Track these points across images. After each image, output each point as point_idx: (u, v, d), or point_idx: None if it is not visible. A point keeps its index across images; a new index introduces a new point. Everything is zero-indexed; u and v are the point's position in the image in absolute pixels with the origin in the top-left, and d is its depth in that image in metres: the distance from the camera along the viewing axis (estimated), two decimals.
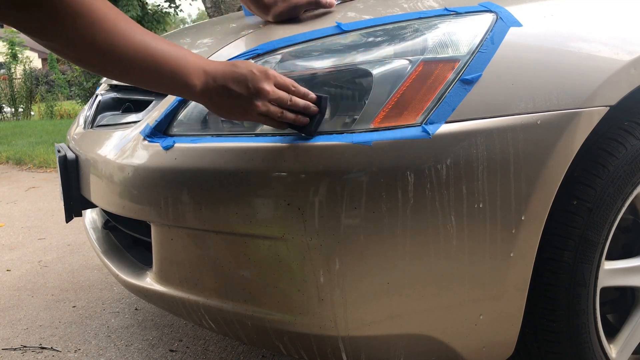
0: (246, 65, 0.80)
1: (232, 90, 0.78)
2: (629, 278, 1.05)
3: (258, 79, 0.79)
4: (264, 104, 0.79)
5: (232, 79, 0.78)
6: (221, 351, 1.42)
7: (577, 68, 0.87)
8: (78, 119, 1.49)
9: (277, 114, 0.80)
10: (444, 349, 0.90)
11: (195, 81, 0.77)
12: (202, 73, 0.77)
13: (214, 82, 0.78)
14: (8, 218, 2.88)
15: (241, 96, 0.79)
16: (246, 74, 0.78)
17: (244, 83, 0.78)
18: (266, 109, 0.80)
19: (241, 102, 0.79)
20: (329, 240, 0.81)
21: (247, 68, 0.79)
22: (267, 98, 0.79)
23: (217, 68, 0.78)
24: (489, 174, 0.82)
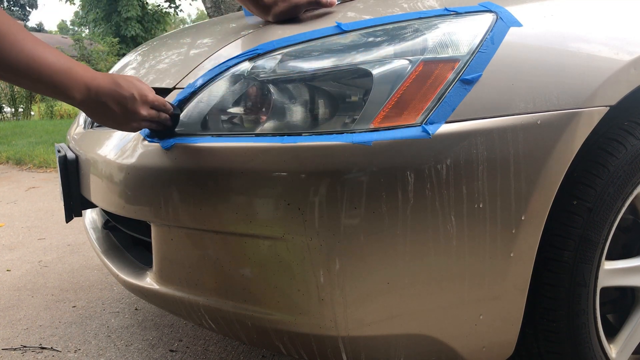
0: (130, 86, 0.85)
1: (111, 108, 0.84)
2: (629, 278, 1.05)
3: (137, 104, 0.85)
4: (138, 123, 0.88)
5: (113, 99, 0.84)
6: (221, 351, 1.42)
7: (577, 68, 0.87)
8: (78, 119, 1.49)
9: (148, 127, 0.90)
10: (444, 349, 0.90)
11: (76, 94, 0.81)
12: (83, 87, 0.81)
13: (96, 97, 0.83)
14: (8, 218, 2.88)
15: (118, 115, 0.85)
16: (127, 97, 0.84)
17: (123, 105, 0.85)
18: (138, 125, 0.88)
19: (117, 120, 0.86)
20: (329, 240, 0.81)
21: (130, 91, 0.85)
22: (141, 119, 0.87)
23: (100, 84, 0.83)
24: (489, 174, 0.82)
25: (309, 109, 0.87)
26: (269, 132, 0.86)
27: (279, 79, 0.89)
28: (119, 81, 0.85)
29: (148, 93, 0.87)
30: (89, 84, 0.82)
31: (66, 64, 0.80)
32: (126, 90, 0.85)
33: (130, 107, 0.85)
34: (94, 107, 0.84)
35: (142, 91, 0.87)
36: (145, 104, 0.87)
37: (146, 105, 0.87)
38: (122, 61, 1.55)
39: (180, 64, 1.10)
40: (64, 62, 0.80)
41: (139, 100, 0.86)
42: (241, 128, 0.91)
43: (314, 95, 0.87)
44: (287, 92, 0.89)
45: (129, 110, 0.85)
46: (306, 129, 0.85)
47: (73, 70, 0.81)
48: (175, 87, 1.02)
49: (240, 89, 0.92)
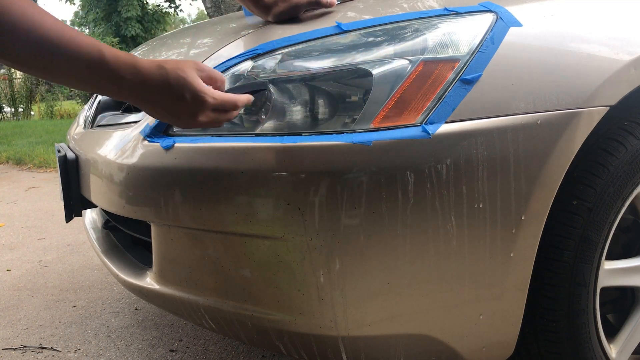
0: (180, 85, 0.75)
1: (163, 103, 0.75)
2: (629, 278, 1.05)
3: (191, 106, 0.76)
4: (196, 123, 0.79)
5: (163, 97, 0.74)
6: (221, 351, 1.42)
7: (577, 68, 0.87)
8: (78, 119, 1.49)
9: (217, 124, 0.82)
10: (444, 349, 0.90)
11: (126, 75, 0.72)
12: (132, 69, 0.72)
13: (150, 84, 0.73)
14: (8, 218, 2.88)
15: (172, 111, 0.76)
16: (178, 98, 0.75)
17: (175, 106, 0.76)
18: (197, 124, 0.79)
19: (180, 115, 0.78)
20: (329, 240, 0.81)
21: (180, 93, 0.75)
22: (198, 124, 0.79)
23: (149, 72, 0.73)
24: (489, 174, 0.82)
25: (309, 109, 0.87)
26: (269, 132, 0.86)
27: (279, 79, 0.89)
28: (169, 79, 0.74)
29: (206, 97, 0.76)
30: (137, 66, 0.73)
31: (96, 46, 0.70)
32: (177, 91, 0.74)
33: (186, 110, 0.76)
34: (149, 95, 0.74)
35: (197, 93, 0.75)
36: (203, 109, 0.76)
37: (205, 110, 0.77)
38: None
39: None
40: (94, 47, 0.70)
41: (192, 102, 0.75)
42: (241, 128, 0.91)
43: (314, 95, 0.87)
44: (287, 92, 0.89)
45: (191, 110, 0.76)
46: (306, 129, 0.85)
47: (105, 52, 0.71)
48: None
49: (240, 89, 0.92)
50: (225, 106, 0.80)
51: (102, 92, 0.76)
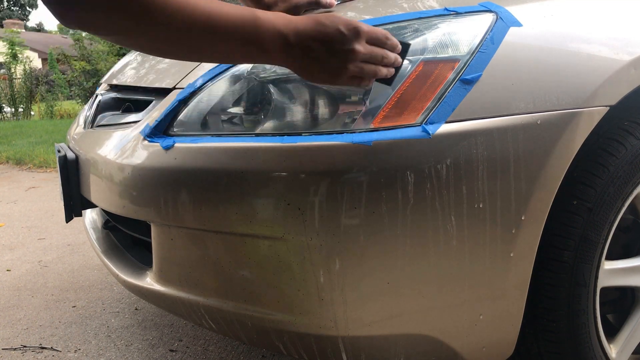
0: (333, 22, 0.71)
1: (318, 53, 0.70)
2: (629, 278, 1.05)
3: (348, 40, 0.70)
4: (355, 66, 0.72)
5: (318, 41, 0.69)
6: (221, 351, 1.42)
7: (577, 68, 0.87)
8: (78, 119, 1.49)
9: (371, 73, 0.74)
10: (444, 349, 0.90)
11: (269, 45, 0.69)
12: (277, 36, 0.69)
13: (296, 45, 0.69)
14: (8, 218, 2.88)
15: (330, 60, 0.70)
16: (334, 35, 0.69)
17: (332, 45, 0.69)
18: (359, 70, 0.72)
19: (330, 67, 0.71)
20: (329, 240, 0.81)
21: (335, 26, 0.70)
22: (360, 59, 0.72)
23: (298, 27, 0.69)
24: (489, 174, 0.82)
25: (309, 109, 0.87)
26: (269, 132, 0.86)
27: (279, 79, 0.89)
28: (320, 19, 0.70)
29: (359, 25, 0.71)
30: (282, 30, 0.69)
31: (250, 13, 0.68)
32: (330, 27, 0.69)
33: (341, 46, 0.69)
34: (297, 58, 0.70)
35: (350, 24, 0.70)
36: (358, 38, 0.70)
37: (361, 40, 0.71)
38: (122, 61, 1.55)
39: (180, 64, 1.10)
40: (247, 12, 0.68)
41: (349, 34, 0.70)
42: (241, 128, 0.91)
43: (314, 95, 0.87)
44: (287, 92, 0.89)
45: (341, 51, 0.70)
46: (306, 129, 0.85)
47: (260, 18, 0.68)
48: (175, 87, 1.02)
49: (240, 88, 0.92)
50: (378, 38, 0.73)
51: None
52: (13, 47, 11.87)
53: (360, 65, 0.72)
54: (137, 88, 1.23)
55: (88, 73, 10.31)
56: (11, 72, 11.18)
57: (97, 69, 10.17)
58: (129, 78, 1.29)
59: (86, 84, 10.29)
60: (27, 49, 13.08)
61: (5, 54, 11.72)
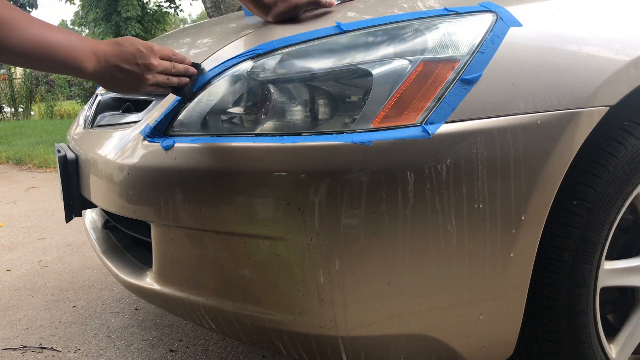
0: (131, 43, 0.87)
1: (123, 68, 0.86)
2: (629, 278, 1.05)
3: (146, 56, 0.87)
4: (153, 76, 0.88)
5: (122, 59, 0.86)
6: (221, 351, 1.42)
7: (577, 68, 0.87)
8: (78, 119, 1.49)
9: (164, 82, 0.90)
10: (444, 349, 0.90)
11: (87, 64, 0.84)
12: (92, 56, 0.84)
13: (106, 63, 0.85)
14: (8, 218, 2.88)
15: (132, 73, 0.86)
16: (134, 53, 0.86)
17: (134, 61, 0.86)
18: (155, 80, 0.88)
19: (133, 78, 0.87)
20: (329, 240, 0.81)
21: (134, 46, 0.87)
22: (155, 71, 0.88)
23: (106, 50, 0.86)
24: (489, 174, 0.82)
25: (309, 109, 0.87)
26: (269, 132, 0.86)
27: (279, 79, 0.89)
28: (119, 41, 0.87)
29: (151, 44, 0.89)
30: (95, 51, 0.85)
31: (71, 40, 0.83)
32: (130, 46, 0.86)
33: (140, 61, 0.86)
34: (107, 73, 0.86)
35: (145, 44, 0.88)
36: (153, 54, 0.88)
37: (155, 55, 0.88)
38: None
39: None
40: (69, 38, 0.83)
41: (146, 52, 0.87)
42: (241, 128, 0.91)
43: (314, 95, 0.87)
44: (287, 92, 0.89)
45: (140, 65, 0.86)
46: (306, 129, 0.85)
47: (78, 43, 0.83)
48: None
49: (240, 88, 0.92)
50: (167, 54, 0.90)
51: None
52: None
53: (156, 76, 0.89)
54: None
55: None
56: (11, 72, 11.18)
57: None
58: None
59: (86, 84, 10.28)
60: None
61: None
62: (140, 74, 0.87)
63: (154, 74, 0.88)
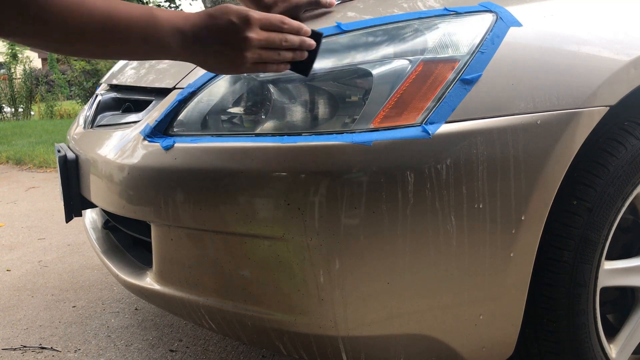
0: (223, 12, 0.72)
1: (213, 46, 0.71)
2: (629, 278, 1.05)
3: (238, 29, 0.71)
4: (253, 52, 0.72)
5: (212, 35, 0.71)
6: (221, 351, 1.42)
7: (577, 68, 0.87)
8: (78, 119, 1.49)
9: (274, 57, 0.74)
10: (444, 349, 0.90)
11: (172, 43, 0.70)
12: (177, 34, 0.71)
13: (193, 40, 0.71)
14: (8, 218, 2.88)
15: (224, 52, 0.72)
16: (226, 26, 0.71)
17: (223, 38, 0.71)
18: (258, 56, 0.73)
19: (228, 57, 0.72)
20: (329, 240, 0.81)
21: (226, 17, 0.71)
22: (256, 45, 0.72)
23: (193, 23, 0.71)
24: (489, 174, 0.82)
25: (309, 109, 0.87)
26: (269, 132, 0.86)
27: (279, 79, 0.89)
28: (211, 12, 0.72)
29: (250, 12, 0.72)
30: (180, 26, 0.70)
31: (148, 11, 0.70)
32: (221, 18, 0.71)
33: (231, 37, 0.70)
34: (198, 51, 0.72)
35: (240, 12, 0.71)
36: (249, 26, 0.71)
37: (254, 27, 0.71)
38: (122, 61, 1.55)
39: (180, 63, 1.10)
40: (144, 10, 0.69)
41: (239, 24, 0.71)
42: (241, 128, 0.91)
43: (314, 95, 0.87)
44: (287, 92, 0.89)
45: (232, 42, 0.71)
46: (306, 129, 0.85)
47: (157, 16, 0.69)
48: (175, 87, 1.02)
49: (240, 88, 0.92)
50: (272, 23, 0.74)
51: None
52: (13, 47, 11.87)
53: (259, 52, 0.73)
54: (137, 88, 1.23)
55: (88, 73, 10.30)
56: (11, 72, 11.18)
57: (97, 69, 10.17)
58: (129, 78, 1.29)
59: (86, 84, 10.29)
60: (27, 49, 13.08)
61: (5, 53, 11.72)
62: (234, 54, 0.71)
63: (254, 50, 0.71)
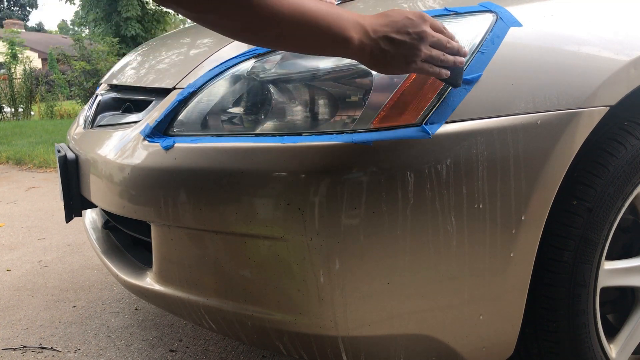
0: (399, 12, 0.77)
1: (394, 39, 0.74)
2: (629, 278, 1.05)
3: (417, 24, 0.75)
4: (427, 48, 0.76)
5: (392, 29, 0.74)
6: (221, 351, 1.42)
7: (577, 68, 0.87)
8: (78, 119, 1.49)
9: (440, 58, 0.78)
10: (444, 349, 0.90)
11: (353, 34, 0.73)
12: (358, 26, 0.73)
13: (374, 34, 0.74)
14: (8, 218, 2.88)
15: (404, 44, 0.75)
16: (404, 21, 0.75)
17: (405, 30, 0.75)
18: (429, 53, 0.77)
19: (405, 50, 0.75)
20: (329, 240, 0.81)
21: (402, 15, 0.76)
22: (429, 41, 0.77)
23: (372, 20, 0.75)
24: (489, 174, 0.82)
25: (309, 109, 0.87)
26: (269, 132, 0.86)
27: (279, 79, 0.89)
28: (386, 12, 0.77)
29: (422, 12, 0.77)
30: (361, 21, 0.74)
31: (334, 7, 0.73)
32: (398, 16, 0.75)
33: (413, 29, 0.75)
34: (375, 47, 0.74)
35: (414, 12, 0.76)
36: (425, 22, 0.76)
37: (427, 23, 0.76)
38: (122, 61, 1.55)
39: (180, 64, 1.10)
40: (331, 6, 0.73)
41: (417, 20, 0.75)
42: (241, 128, 0.91)
43: (314, 95, 0.87)
44: (287, 92, 0.89)
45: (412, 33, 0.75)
46: (306, 129, 0.85)
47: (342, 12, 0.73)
48: (175, 87, 1.02)
49: (240, 88, 0.92)
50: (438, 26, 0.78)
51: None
52: (13, 47, 11.87)
53: (430, 49, 0.77)
54: (137, 88, 1.23)
55: (88, 73, 10.30)
56: (11, 72, 11.18)
57: (97, 69, 10.17)
58: (129, 78, 1.29)
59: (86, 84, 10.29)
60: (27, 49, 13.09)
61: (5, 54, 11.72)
62: (413, 45, 0.75)
63: (427, 45, 0.76)
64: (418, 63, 0.77)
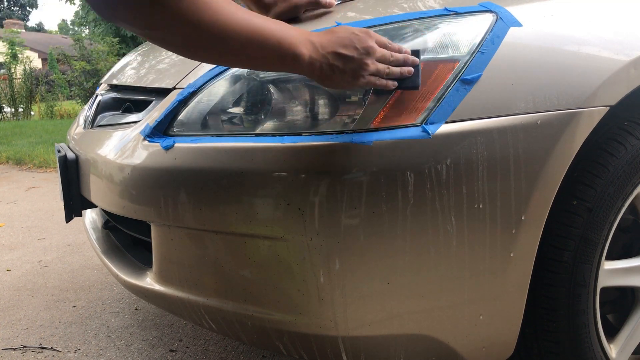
0: (344, 29, 0.79)
1: (342, 54, 0.76)
2: (629, 278, 1.05)
3: (363, 39, 0.78)
4: (373, 63, 0.78)
5: (340, 44, 0.76)
6: (221, 351, 1.42)
7: (577, 68, 0.87)
8: (78, 119, 1.49)
9: (385, 71, 0.80)
10: (444, 349, 0.90)
11: (304, 50, 0.74)
12: (308, 42, 0.75)
13: (323, 50, 0.76)
14: (8, 218, 2.88)
15: (352, 59, 0.77)
16: (351, 37, 0.77)
17: (352, 45, 0.77)
18: (375, 68, 0.78)
19: (352, 66, 0.77)
20: (329, 240, 0.81)
21: (349, 31, 0.78)
22: (375, 56, 0.78)
23: (320, 37, 0.77)
24: (489, 174, 0.82)
25: (309, 109, 0.87)
26: (269, 132, 0.86)
27: (279, 79, 0.89)
28: (332, 29, 0.79)
29: (367, 29, 0.80)
30: (310, 38, 0.76)
31: (283, 25, 0.75)
32: (344, 32, 0.78)
33: (359, 45, 0.77)
34: (324, 62, 0.76)
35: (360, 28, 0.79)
36: (370, 37, 0.79)
37: (372, 38, 0.79)
38: (122, 61, 1.55)
39: (180, 64, 1.10)
40: (280, 24, 0.74)
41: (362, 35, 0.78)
42: (241, 128, 0.91)
43: (313, 95, 0.87)
44: (287, 92, 0.89)
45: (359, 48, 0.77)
46: (306, 129, 0.85)
47: (291, 29, 0.75)
48: (175, 87, 1.02)
49: (240, 88, 0.92)
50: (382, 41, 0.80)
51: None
52: (13, 47, 11.87)
53: (376, 64, 0.79)
54: (137, 88, 1.23)
55: (88, 73, 10.30)
56: (11, 72, 11.17)
57: (97, 69, 10.16)
58: (129, 78, 1.29)
59: (86, 84, 10.28)
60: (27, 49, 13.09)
61: (5, 54, 11.72)
62: (360, 59, 0.77)
63: (374, 60, 0.78)
64: (366, 77, 0.79)
